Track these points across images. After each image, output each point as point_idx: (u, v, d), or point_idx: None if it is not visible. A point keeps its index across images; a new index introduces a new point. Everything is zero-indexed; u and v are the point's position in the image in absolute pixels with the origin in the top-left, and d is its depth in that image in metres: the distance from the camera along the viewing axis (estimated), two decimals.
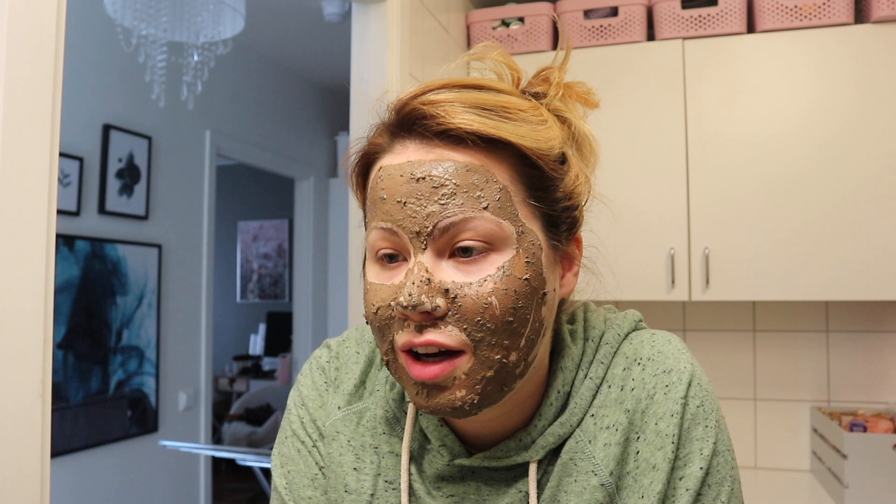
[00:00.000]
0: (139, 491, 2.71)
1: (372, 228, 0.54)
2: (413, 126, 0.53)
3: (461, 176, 0.51)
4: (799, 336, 1.99)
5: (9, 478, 0.70)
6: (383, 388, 0.65)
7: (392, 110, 0.55)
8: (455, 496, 0.60)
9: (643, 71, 1.88)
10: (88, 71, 2.51)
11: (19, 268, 0.72)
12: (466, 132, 0.51)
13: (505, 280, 0.50)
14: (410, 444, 0.61)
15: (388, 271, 0.53)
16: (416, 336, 0.51)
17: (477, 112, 0.52)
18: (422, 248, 0.51)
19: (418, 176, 0.51)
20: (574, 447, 0.58)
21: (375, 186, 0.54)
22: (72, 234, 2.44)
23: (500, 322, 0.50)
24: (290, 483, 0.64)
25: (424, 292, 0.49)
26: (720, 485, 0.56)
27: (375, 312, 0.53)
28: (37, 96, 0.75)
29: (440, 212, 0.50)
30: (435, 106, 0.52)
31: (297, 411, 0.67)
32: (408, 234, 0.51)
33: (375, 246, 0.54)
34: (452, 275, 0.51)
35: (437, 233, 0.50)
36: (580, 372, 0.60)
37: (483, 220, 0.50)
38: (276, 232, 6.11)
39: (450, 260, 0.51)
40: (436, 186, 0.50)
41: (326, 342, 0.70)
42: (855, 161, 1.71)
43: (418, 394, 0.53)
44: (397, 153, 0.53)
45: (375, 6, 1.52)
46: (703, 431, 0.57)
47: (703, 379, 0.59)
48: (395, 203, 0.51)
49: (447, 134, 0.51)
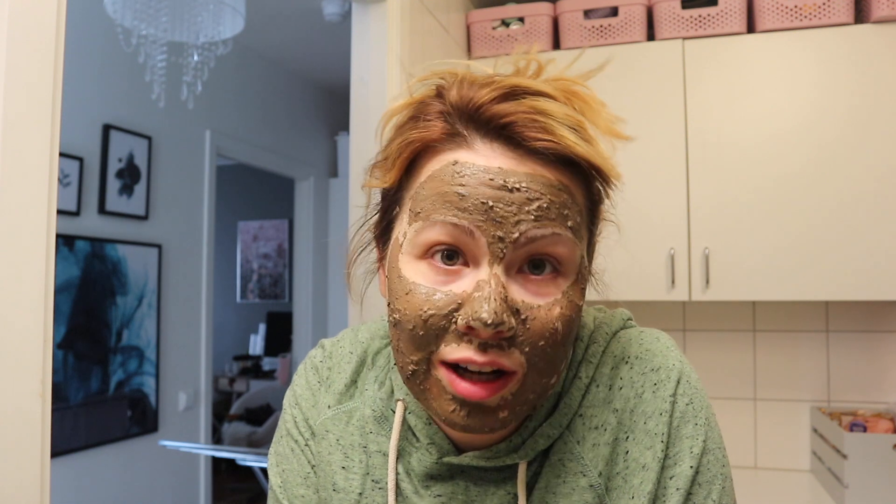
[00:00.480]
0: (139, 491, 2.71)
1: (433, 221, 0.49)
2: (502, 130, 0.49)
3: (555, 193, 0.49)
4: (799, 336, 1.99)
5: (9, 478, 0.70)
6: (372, 387, 0.64)
7: (464, 106, 0.50)
8: (443, 496, 0.59)
9: (643, 71, 1.88)
10: (88, 71, 2.51)
11: (19, 268, 0.72)
12: (565, 153, 0.48)
13: (568, 306, 0.50)
14: (398, 443, 0.61)
15: (443, 275, 0.49)
16: (478, 355, 0.48)
17: (569, 130, 0.49)
18: (499, 258, 0.48)
19: (511, 186, 0.48)
20: (562, 448, 0.57)
21: (449, 180, 0.49)
22: (72, 234, 2.44)
23: (561, 347, 0.50)
24: (284, 482, 0.65)
25: (505, 310, 0.46)
26: (711, 483, 0.55)
27: (426, 320, 0.48)
28: (37, 96, 0.75)
29: (531, 221, 0.48)
30: (529, 117, 0.49)
31: (291, 411, 0.67)
32: (488, 238, 0.47)
33: (433, 240, 0.49)
34: (522, 294, 0.49)
35: (522, 240, 0.48)
36: (569, 372, 0.59)
37: (568, 239, 0.49)
38: (276, 232, 6.11)
39: (517, 275, 0.49)
40: (530, 199, 0.48)
41: (321, 342, 0.71)
42: (855, 161, 1.71)
43: (454, 410, 0.50)
44: (480, 153, 0.49)
45: (375, 6, 1.52)
46: (692, 429, 0.56)
47: (692, 376, 0.58)
48: (479, 203, 0.48)
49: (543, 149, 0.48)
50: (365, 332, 0.69)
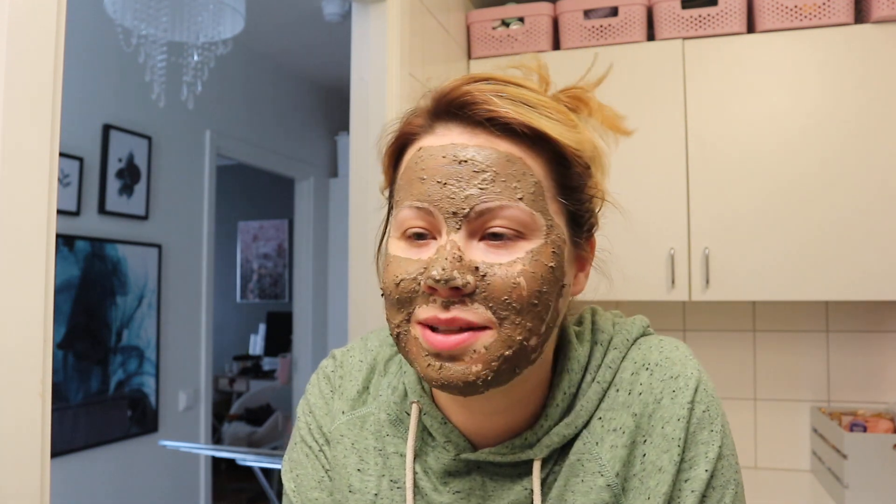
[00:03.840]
0: (139, 491, 2.71)
1: (404, 206, 0.54)
2: (460, 110, 0.54)
3: (502, 165, 0.52)
4: (799, 336, 1.99)
5: (9, 478, 0.70)
6: (385, 392, 0.66)
7: (435, 96, 0.56)
8: (461, 492, 0.61)
9: (643, 71, 1.88)
10: (88, 71, 2.51)
11: (19, 268, 0.72)
12: (511, 122, 0.53)
13: (533, 264, 0.52)
14: (415, 443, 0.62)
15: (416, 248, 0.54)
16: (441, 312, 0.51)
17: (521, 105, 0.53)
18: (456, 228, 0.52)
19: (461, 158, 0.52)
20: (581, 448, 0.59)
21: (414, 166, 0.55)
22: (72, 234, 2.44)
23: (526, 303, 0.51)
24: (298, 486, 0.67)
25: (456, 268, 0.50)
26: (724, 488, 0.57)
27: (397, 284, 0.53)
28: (37, 96, 0.75)
29: (478, 195, 0.52)
30: (480, 94, 0.53)
31: (304, 419, 0.69)
32: (444, 214, 0.52)
33: (406, 224, 0.54)
34: (483, 255, 0.52)
35: (473, 215, 0.52)
36: (587, 375, 0.61)
37: (518, 209, 0.52)
38: (276, 232, 6.11)
39: (480, 242, 0.53)
40: (477, 171, 0.52)
41: (332, 353, 0.73)
42: (855, 160, 1.71)
43: (430, 365, 0.53)
44: (440, 135, 0.55)
45: (375, 6, 1.52)
46: (708, 435, 0.58)
47: (708, 385, 0.61)
48: (435, 183, 0.53)
49: (492, 122, 0.53)
50: (374, 339, 0.72)
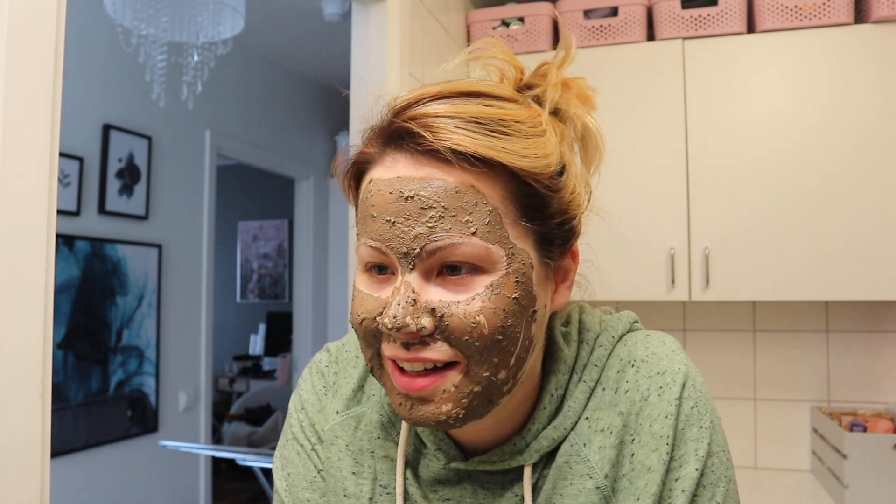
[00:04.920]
0: (139, 491, 2.71)
1: (361, 244, 0.53)
2: (403, 140, 0.51)
3: (450, 198, 0.49)
4: (799, 336, 1.99)
5: (9, 478, 0.70)
6: (379, 392, 0.65)
7: (386, 116, 0.53)
8: (451, 500, 0.60)
9: (643, 71, 1.88)
10: (88, 71, 2.51)
11: (19, 268, 0.72)
12: (461, 150, 0.49)
13: (493, 299, 0.49)
14: (406, 449, 0.61)
15: (377, 283, 0.53)
16: (402, 352, 0.50)
17: (470, 128, 0.49)
18: (409, 269, 0.50)
19: (406, 195, 0.49)
20: (569, 450, 0.58)
21: (366, 202, 0.52)
22: (72, 234, 2.44)
23: (490, 340, 0.49)
24: (289, 485, 0.65)
25: (409, 314, 0.48)
26: (715, 486, 0.56)
27: (360, 322, 0.52)
28: (37, 96, 0.75)
29: (427, 234, 0.49)
30: (426, 121, 0.49)
31: (296, 415, 0.67)
32: (396, 255, 0.50)
33: (364, 259, 0.53)
34: (440, 294, 0.50)
35: (424, 255, 0.49)
36: (574, 375, 0.60)
37: (470, 245, 0.49)
38: (276, 232, 6.11)
39: (437, 278, 0.50)
40: (424, 208, 0.49)
41: (326, 346, 0.71)
42: (855, 160, 1.71)
43: (401, 405, 0.52)
44: (387, 166, 0.51)
45: (375, 6, 1.52)
46: (697, 432, 0.56)
47: (697, 380, 0.59)
48: (385, 222, 0.50)
49: (438, 152, 0.49)
50: None
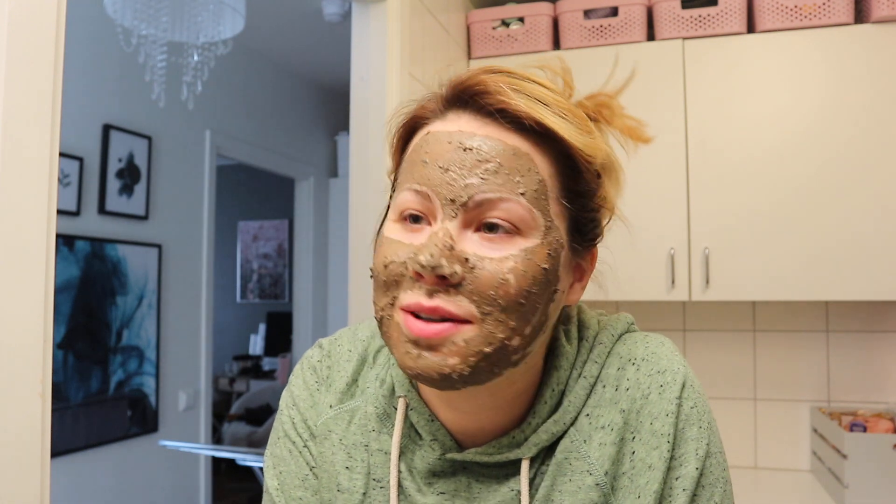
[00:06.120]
0: (139, 491, 2.71)
1: (404, 189, 0.54)
2: (471, 99, 0.53)
3: (507, 157, 0.51)
4: (799, 336, 1.99)
5: (9, 478, 0.70)
6: (374, 385, 0.64)
7: (450, 84, 0.55)
8: (446, 493, 0.59)
9: (643, 71, 1.87)
10: (88, 71, 2.51)
11: (19, 268, 0.72)
12: (522, 115, 0.51)
13: (525, 262, 0.51)
14: (400, 441, 0.61)
15: (410, 232, 0.53)
16: (425, 299, 0.50)
17: (534, 101, 0.52)
18: (451, 216, 0.51)
19: (467, 145, 0.51)
20: (569, 446, 0.58)
21: (419, 149, 0.54)
22: (72, 234, 2.44)
23: (513, 301, 0.50)
24: (281, 483, 0.64)
25: (445, 256, 0.49)
26: (714, 486, 0.57)
27: (386, 266, 0.52)
28: (37, 96, 0.75)
29: (479, 185, 0.51)
30: (493, 86, 0.52)
31: (288, 412, 0.67)
32: (441, 200, 0.51)
33: (403, 205, 0.53)
34: (475, 247, 0.51)
35: (471, 204, 0.51)
36: (574, 371, 0.60)
37: (517, 203, 0.51)
38: (276, 232, 6.11)
39: (475, 233, 0.51)
40: (480, 160, 0.51)
41: (318, 342, 0.70)
42: (855, 160, 1.71)
43: (408, 353, 0.51)
44: (449, 121, 0.54)
45: (375, 6, 1.52)
46: (697, 432, 0.57)
47: (695, 381, 0.60)
48: (437, 168, 0.52)
49: (503, 114, 0.52)
50: (365, 330, 0.69)
